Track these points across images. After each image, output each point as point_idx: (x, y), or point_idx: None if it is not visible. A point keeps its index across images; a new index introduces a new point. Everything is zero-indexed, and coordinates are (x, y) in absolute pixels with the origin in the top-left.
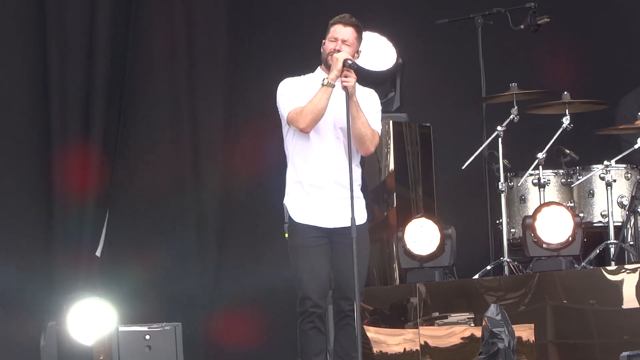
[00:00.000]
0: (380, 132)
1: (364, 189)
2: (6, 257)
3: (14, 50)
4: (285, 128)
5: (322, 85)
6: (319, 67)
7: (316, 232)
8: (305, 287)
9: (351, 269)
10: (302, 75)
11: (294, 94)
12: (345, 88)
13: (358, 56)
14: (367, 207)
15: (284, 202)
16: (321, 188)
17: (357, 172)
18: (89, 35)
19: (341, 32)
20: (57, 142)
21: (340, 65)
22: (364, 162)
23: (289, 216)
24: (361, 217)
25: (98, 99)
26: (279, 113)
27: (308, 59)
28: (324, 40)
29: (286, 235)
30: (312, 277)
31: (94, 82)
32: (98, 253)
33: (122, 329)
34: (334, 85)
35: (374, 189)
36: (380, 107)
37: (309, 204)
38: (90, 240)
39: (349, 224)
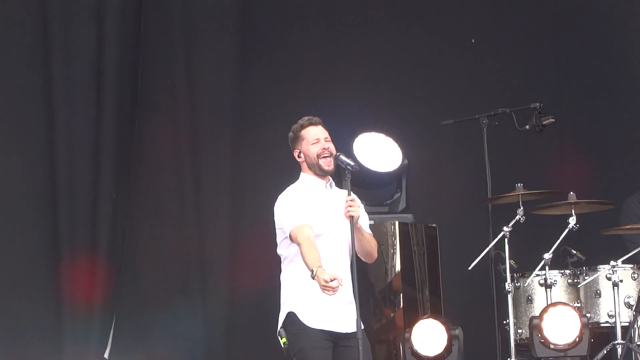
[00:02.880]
0: None
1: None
2: None
3: (22, 156)
4: (282, 236)
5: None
6: (302, 174)
7: (324, 336)
8: None
9: None
10: (293, 188)
11: (293, 208)
12: (350, 217)
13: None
14: (374, 308)
15: (289, 309)
16: (327, 296)
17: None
18: (96, 137)
19: (317, 132)
20: (65, 248)
21: (328, 279)
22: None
23: (298, 321)
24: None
25: (104, 203)
26: (277, 223)
27: None
28: (297, 150)
29: (284, 340)
30: None
31: (101, 186)
32: (106, 355)
33: None
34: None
35: (381, 290)
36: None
37: (320, 309)
38: (97, 343)
39: (354, 329)
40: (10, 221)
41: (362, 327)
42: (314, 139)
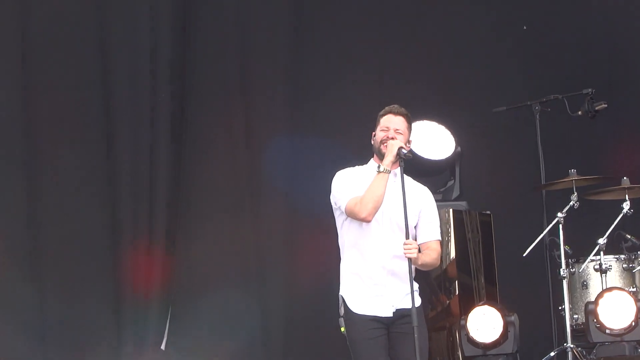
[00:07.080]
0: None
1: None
2: (77, 353)
3: (82, 149)
4: (340, 220)
5: (378, 172)
6: (371, 159)
7: (375, 324)
8: None
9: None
10: (355, 167)
11: (349, 184)
12: (408, 259)
13: (409, 146)
14: (429, 296)
15: (340, 293)
16: (378, 282)
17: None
18: (151, 126)
19: (392, 121)
20: (123, 239)
21: (395, 150)
22: None
23: (346, 308)
24: (416, 301)
25: (160, 193)
26: (333, 205)
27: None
28: (374, 132)
29: (342, 329)
30: None
31: (157, 177)
32: (163, 346)
33: None
34: (390, 171)
35: (436, 277)
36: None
37: (368, 296)
38: (155, 334)
39: (405, 307)
40: (71, 212)
41: (418, 306)
42: (385, 126)
